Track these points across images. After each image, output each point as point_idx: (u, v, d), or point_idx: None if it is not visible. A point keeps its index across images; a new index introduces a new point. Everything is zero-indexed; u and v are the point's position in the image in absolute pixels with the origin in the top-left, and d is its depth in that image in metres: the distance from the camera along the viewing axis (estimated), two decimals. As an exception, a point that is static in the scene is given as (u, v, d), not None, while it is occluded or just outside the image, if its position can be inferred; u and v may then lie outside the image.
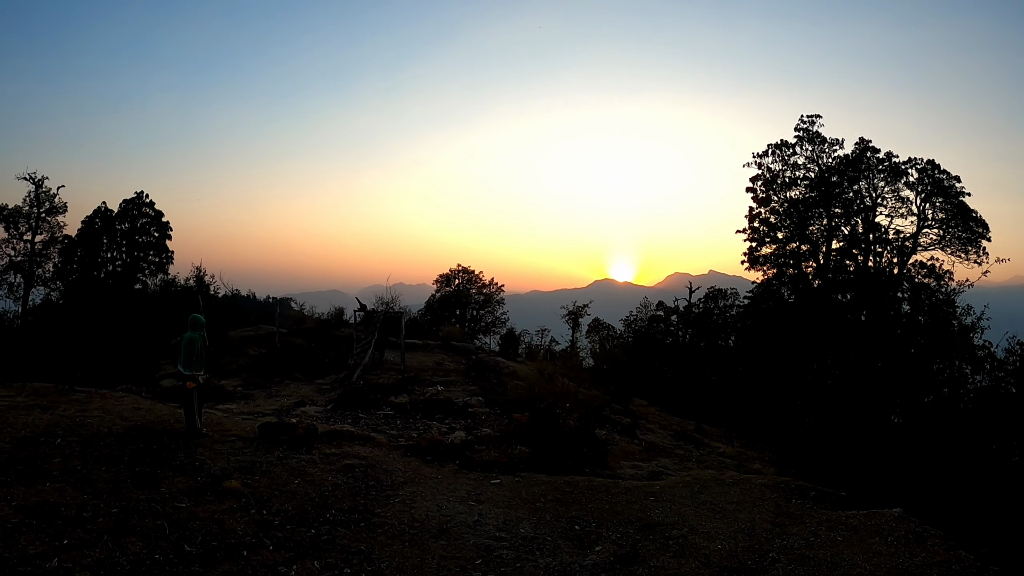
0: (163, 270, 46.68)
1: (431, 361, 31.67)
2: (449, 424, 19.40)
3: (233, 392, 22.02)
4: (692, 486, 14.07)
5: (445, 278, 60.13)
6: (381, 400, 21.21)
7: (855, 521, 11.93)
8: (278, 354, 28.63)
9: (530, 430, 18.17)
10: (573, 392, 20.50)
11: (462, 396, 23.37)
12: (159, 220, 47.41)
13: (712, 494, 13.52)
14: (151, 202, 47.54)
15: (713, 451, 24.95)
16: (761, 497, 13.45)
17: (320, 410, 19.67)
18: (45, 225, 46.73)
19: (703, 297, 57.58)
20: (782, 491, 13.91)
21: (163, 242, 47.28)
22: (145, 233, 46.36)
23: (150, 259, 46.49)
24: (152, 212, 47.07)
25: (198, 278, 41.71)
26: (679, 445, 24.67)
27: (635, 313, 60.82)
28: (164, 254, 46.82)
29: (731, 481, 14.52)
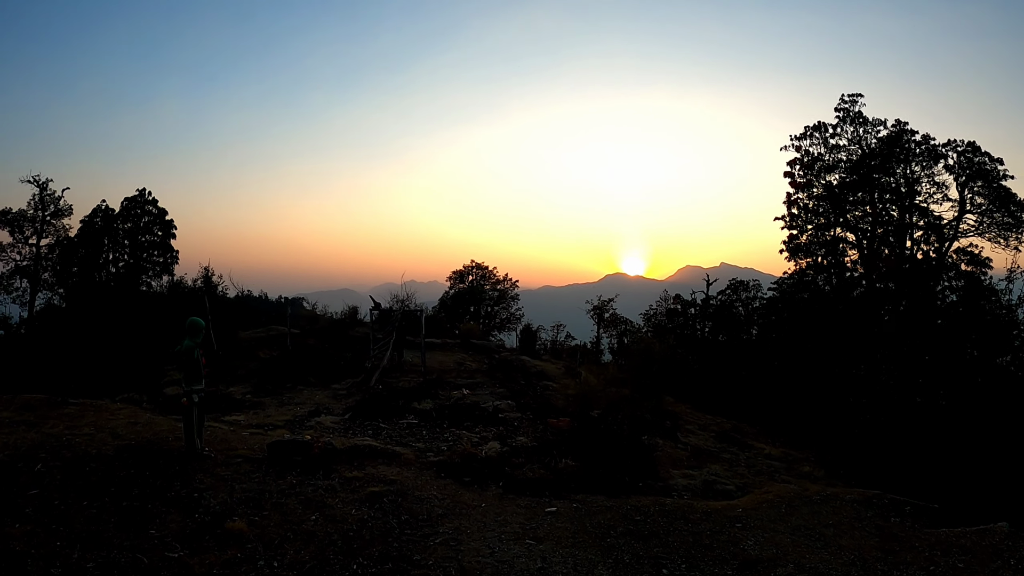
0: (168, 271, 44.93)
1: (452, 361, 29.89)
2: (480, 433, 17.52)
3: (242, 400, 20.13)
4: (777, 506, 12.11)
5: (459, 274, 59.12)
6: (403, 407, 19.30)
7: (966, 542, 10.38)
8: (290, 357, 26.77)
9: (573, 439, 16.35)
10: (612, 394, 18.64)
11: (490, 399, 21.51)
12: (163, 218, 45.66)
13: (803, 516, 11.58)
14: (154, 199, 45.82)
15: (759, 453, 22.98)
16: (857, 516, 11.57)
17: (337, 420, 17.74)
18: (50, 228, 45.39)
19: (725, 289, 56.23)
20: (876, 507, 12.04)
21: (167, 241, 45.57)
22: (148, 232, 44.57)
23: (154, 259, 44.71)
24: (155, 210, 45.35)
25: (205, 279, 40.00)
26: (723, 447, 22.74)
27: (654, 307, 59.08)
28: (169, 254, 45.06)
29: (818, 499, 12.56)
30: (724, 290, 56.13)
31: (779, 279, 51.76)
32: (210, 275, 40.18)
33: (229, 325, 34.52)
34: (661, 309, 58.26)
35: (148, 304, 38.74)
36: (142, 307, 37.26)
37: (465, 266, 59.18)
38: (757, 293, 55.81)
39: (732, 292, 56.42)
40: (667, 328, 55.65)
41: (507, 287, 59.00)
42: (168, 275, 44.58)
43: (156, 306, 37.67)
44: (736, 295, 56.65)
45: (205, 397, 12.63)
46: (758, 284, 56.03)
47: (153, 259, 44.63)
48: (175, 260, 45.19)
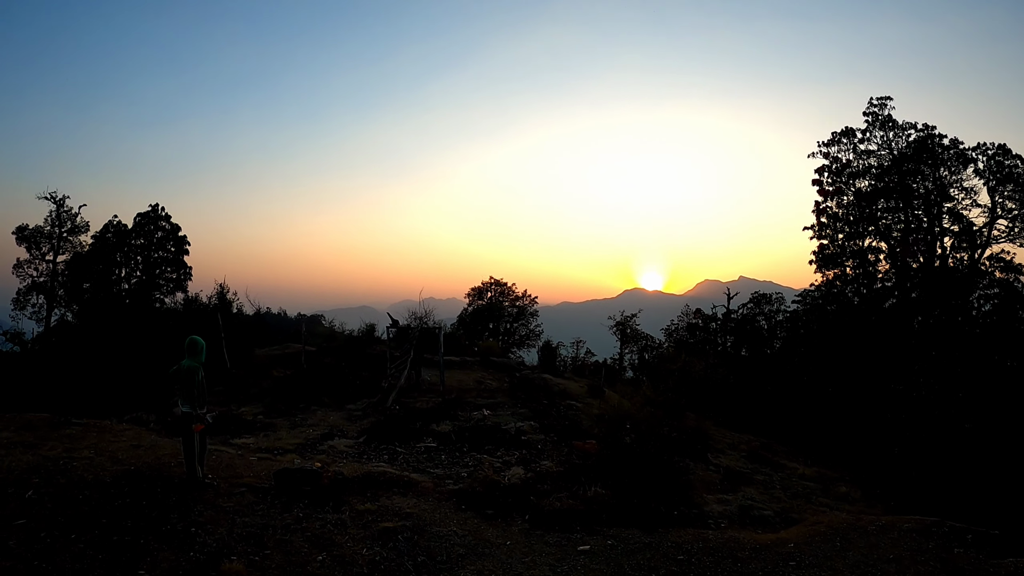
0: (182, 287, 44.31)
1: (471, 379, 28.95)
2: (502, 457, 16.56)
3: (253, 422, 19.23)
4: (831, 540, 11.03)
5: (477, 291, 58.81)
6: (421, 429, 18.36)
7: (1040, 574, 9.18)
8: (304, 376, 25.93)
9: (602, 464, 15.35)
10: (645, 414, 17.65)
11: (512, 421, 20.54)
12: (176, 234, 45.11)
13: (860, 550, 10.50)
14: (167, 215, 45.31)
15: (792, 473, 21.86)
16: (918, 548, 10.48)
17: (351, 444, 16.80)
18: (67, 245, 45.02)
19: (747, 303, 55.22)
20: (936, 537, 10.94)
21: (180, 257, 44.99)
22: (161, 248, 43.97)
23: (167, 276, 44.07)
24: (168, 226, 44.86)
25: (220, 295, 39.22)
26: (755, 468, 21.65)
27: (676, 322, 58.04)
28: (182, 270, 44.41)
29: (874, 529, 11.46)
30: (746, 304, 55.13)
31: (804, 291, 50.63)
32: (225, 292, 39.42)
33: (244, 343, 33.77)
34: (682, 324, 57.29)
35: (160, 321, 37.98)
36: (154, 324, 36.49)
37: (484, 283, 58.85)
38: (780, 306, 54.74)
39: (755, 306, 55.31)
40: (688, 343, 54.61)
41: (526, 303, 58.48)
42: (182, 291, 43.88)
43: (169, 323, 36.87)
44: (759, 308, 55.51)
45: (209, 423, 11.69)
46: (781, 297, 54.98)
47: (166, 275, 43.98)
48: (188, 276, 44.59)
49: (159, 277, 43.80)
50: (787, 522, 13.81)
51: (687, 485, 15.24)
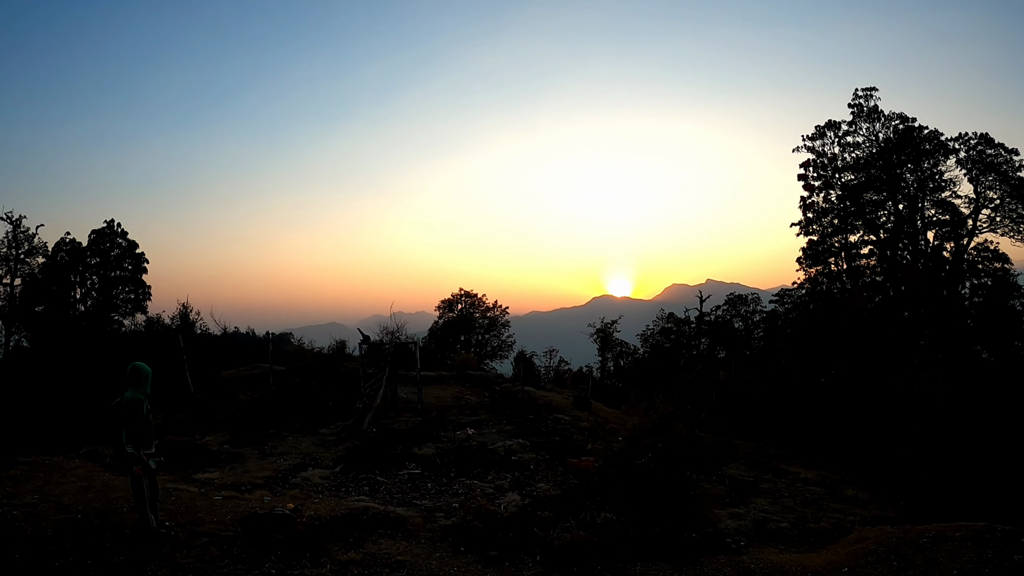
0: (141, 308, 42.07)
1: (449, 395, 27.52)
2: (494, 481, 15.15)
3: (218, 452, 17.59)
4: (885, 559, 9.70)
5: (448, 303, 58.13)
6: (402, 454, 16.86)
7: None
8: (273, 399, 24.27)
9: (605, 484, 13.97)
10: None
11: (499, 439, 19.16)
12: (133, 251, 42.80)
13: (919, 568, 9.20)
14: (123, 232, 42.99)
15: (795, 478, 20.56)
16: (979, 559, 9.22)
17: (327, 474, 15.22)
18: (24, 267, 42.57)
19: (722, 304, 54.69)
20: (992, 544, 9.65)
21: (139, 276, 42.85)
22: (118, 267, 41.70)
23: (124, 296, 41.81)
24: (125, 242, 42.66)
25: (182, 316, 37.42)
26: (757, 476, 20.31)
27: (651, 327, 57.19)
28: (141, 289, 42.18)
29: (926, 542, 10.13)
30: (721, 305, 54.66)
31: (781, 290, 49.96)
32: (188, 312, 37.63)
33: (210, 365, 32.06)
34: (657, 328, 56.49)
35: (119, 345, 36.07)
36: (113, 348, 34.59)
37: (454, 294, 58.05)
38: (756, 307, 54.29)
39: (731, 307, 54.85)
40: (664, 348, 53.74)
41: (497, 314, 57.84)
42: (141, 312, 41.73)
43: (128, 347, 35.00)
44: (735, 310, 55.03)
45: (160, 461, 10.13)
46: (757, 298, 54.64)
47: (124, 295, 41.74)
48: (147, 296, 42.38)
49: (116, 297, 41.51)
50: (806, 534, 12.82)
51: (698, 501, 14.01)
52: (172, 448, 17.36)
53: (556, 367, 51.48)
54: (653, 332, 56.16)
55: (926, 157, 34.06)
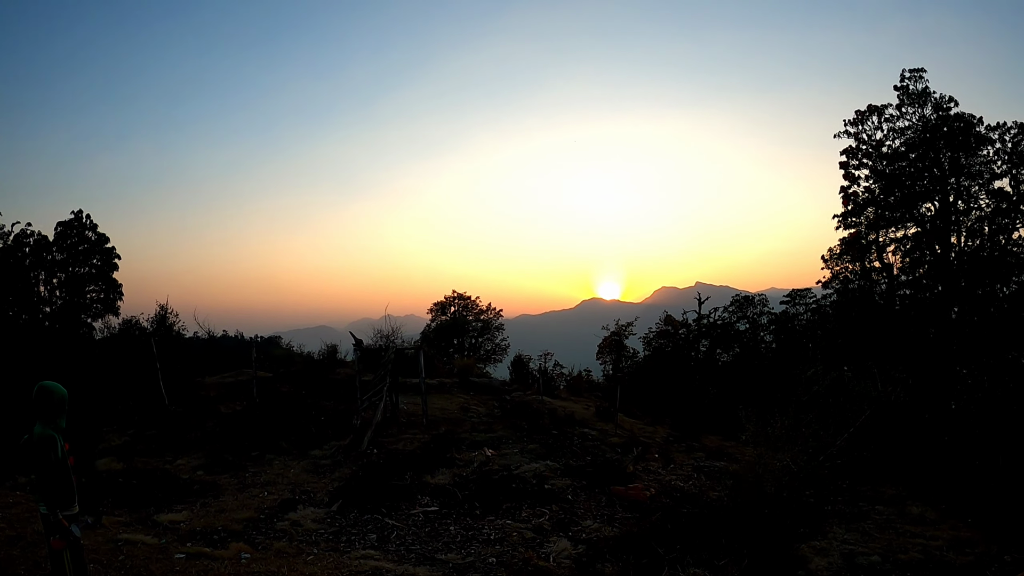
0: (112, 309, 38.32)
1: (454, 406, 24.65)
2: (531, 520, 12.22)
3: (189, 482, 14.53)
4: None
5: (440, 306, 55.14)
6: (413, 484, 13.83)
7: None
8: (257, 412, 21.18)
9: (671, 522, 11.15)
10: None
11: (523, 461, 16.22)
12: (103, 245, 39.08)
13: None
14: (93, 224, 39.24)
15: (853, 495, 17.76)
16: None
17: (321, 515, 12.07)
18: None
19: (729, 306, 52.57)
20: None
21: (109, 273, 39.13)
22: (86, 263, 37.96)
23: (93, 295, 37.96)
24: (95, 236, 38.89)
25: (159, 318, 34.16)
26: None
27: (654, 329, 54.81)
28: (113, 290, 38.37)
29: None
30: (727, 307, 52.97)
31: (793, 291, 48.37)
32: (166, 313, 34.34)
33: (189, 372, 29.04)
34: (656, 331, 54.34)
35: (86, 351, 32.74)
36: (79, 355, 31.29)
37: (447, 297, 55.37)
38: (764, 308, 52.65)
39: (737, 309, 53.13)
40: (666, 351, 51.57)
41: (491, 317, 55.32)
42: (112, 314, 38.07)
43: (97, 354, 31.73)
44: (741, 312, 53.25)
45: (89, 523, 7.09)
46: (765, 299, 52.98)
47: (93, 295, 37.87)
48: (119, 296, 38.52)
49: (84, 297, 37.83)
50: (901, 568, 10.97)
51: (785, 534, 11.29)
52: (135, 477, 14.41)
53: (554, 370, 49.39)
54: (654, 335, 53.98)
55: (981, 144, 31.24)
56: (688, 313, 51.04)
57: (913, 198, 31.27)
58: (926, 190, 31.22)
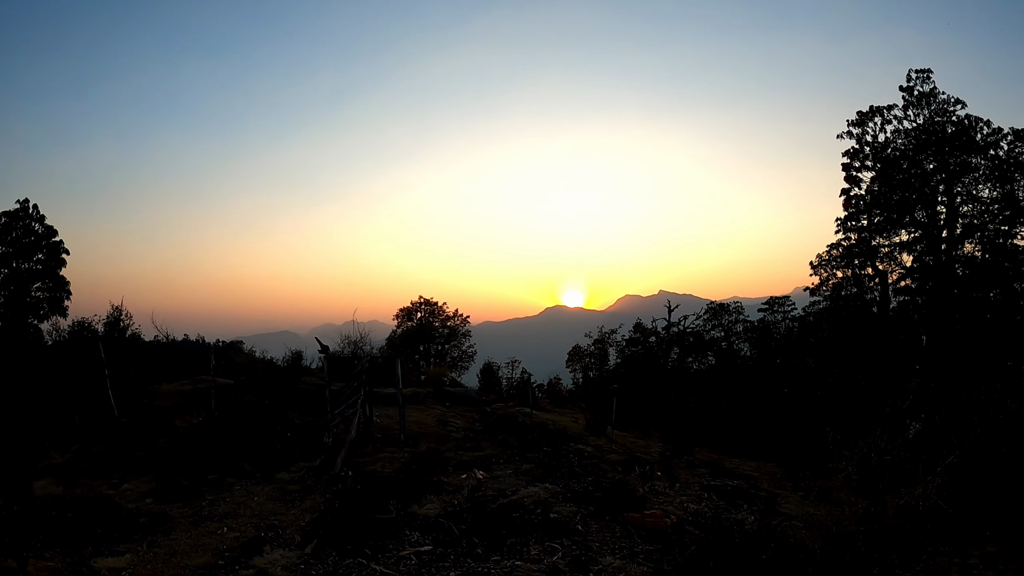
0: (59, 309, 35.29)
1: (431, 419, 22.76)
2: (542, 558, 10.37)
3: (135, 513, 12.42)
4: None
5: (406, 312, 54.29)
6: (399, 516, 11.82)
7: None
8: (216, 427, 18.96)
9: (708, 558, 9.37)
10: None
11: (519, 484, 14.35)
12: (50, 239, 35.94)
13: None
14: (40, 215, 36.17)
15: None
16: None
17: (294, 560, 9.94)
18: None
19: (704, 314, 51.71)
20: None
21: (55, 270, 36.11)
22: (30, 257, 34.78)
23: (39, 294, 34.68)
24: (42, 228, 35.88)
25: (112, 321, 31.58)
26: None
27: (627, 336, 53.64)
28: (61, 288, 35.24)
29: None
30: (702, 315, 52.17)
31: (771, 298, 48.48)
32: (120, 315, 31.73)
33: (143, 379, 26.70)
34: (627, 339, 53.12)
35: (30, 356, 30.16)
36: (22, 361, 28.73)
37: (413, 303, 54.38)
38: (739, 316, 51.97)
39: (712, 317, 52.35)
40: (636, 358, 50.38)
41: (458, 323, 54.48)
42: (60, 314, 35.02)
43: (42, 359, 29.17)
44: (716, 320, 52.45)
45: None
46: (740, 307, 52.34)
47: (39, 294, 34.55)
48: (67, 295, 35.48)
49: (29, 295, 34.67)
50: None
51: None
52: (73, 507, 12.30)
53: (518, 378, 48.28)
54: (625, 342, 52.80)
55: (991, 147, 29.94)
56: (657, 321, 50.06)
57: (917, 202, 29.90)
58: (930, 194, 29.88)
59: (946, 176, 29.74)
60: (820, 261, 35.46)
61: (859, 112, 32.10)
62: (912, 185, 30.02)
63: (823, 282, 35.65)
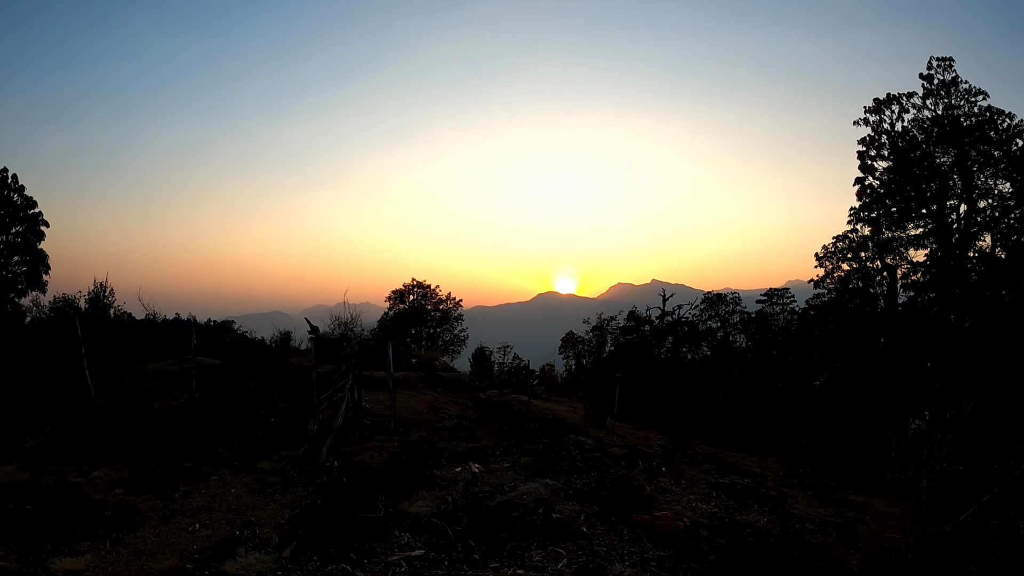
0: (38, 284, 33.62)
1: (423, 405, 21.86)
2: (546, 565, 9.38)
3: (101, 505, 11.44)
4: None
5: (399, 294, 55.31)
6: (387, 515, 10.83)
7: None
8: (196, 410, 18.01)
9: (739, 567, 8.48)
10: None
11: (518, 480, 13.36)
12: (27, 211, 33.75)
13: None
14: (20, 186, 33.82)
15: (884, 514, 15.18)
16: None
17: (270, 564, 8.88)
18: None
19: (700, 303, 51.49)
20: None
21: (34, 242, 34.20)
22: (7, 230, 33.07)
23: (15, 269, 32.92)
24: (20, 199, 33.58)
25: (93, 297, 30.58)
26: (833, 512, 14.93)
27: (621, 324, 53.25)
28: (39, 262, 33.38)
29: None
30: (698, 304, 51.97)
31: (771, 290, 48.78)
32: (103, 292, 30.71)
33: (129, 358, 25.77)
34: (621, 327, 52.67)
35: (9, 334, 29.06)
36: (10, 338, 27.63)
37: (406, 285, 55.57)
38: (736, 307, 51.87)
39: (708, 307, 52.15)
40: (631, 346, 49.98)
41: (450, 307, 55.62)
42: (39, 290, 33.52)
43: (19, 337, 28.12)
44: (713, 310, 52.25)
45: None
46: (738, 297, 52.27)
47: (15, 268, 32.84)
48: (45, 268, 33.83)
49: (6, 270, 33.17)
50: None
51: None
52: (33, 498, 11.33)
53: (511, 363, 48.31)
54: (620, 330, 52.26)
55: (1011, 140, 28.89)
56: (652, 309, 49.55)
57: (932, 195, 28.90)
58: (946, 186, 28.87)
59: (963, 169, 28.68)
60: (826, 253, 34.63)
61: (876, 99, 31.00)
62: (928, 177, 28.97)
63: (828, 274, 34.78)
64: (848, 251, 32.88)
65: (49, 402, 19.56)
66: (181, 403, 19.56)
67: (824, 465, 23.86)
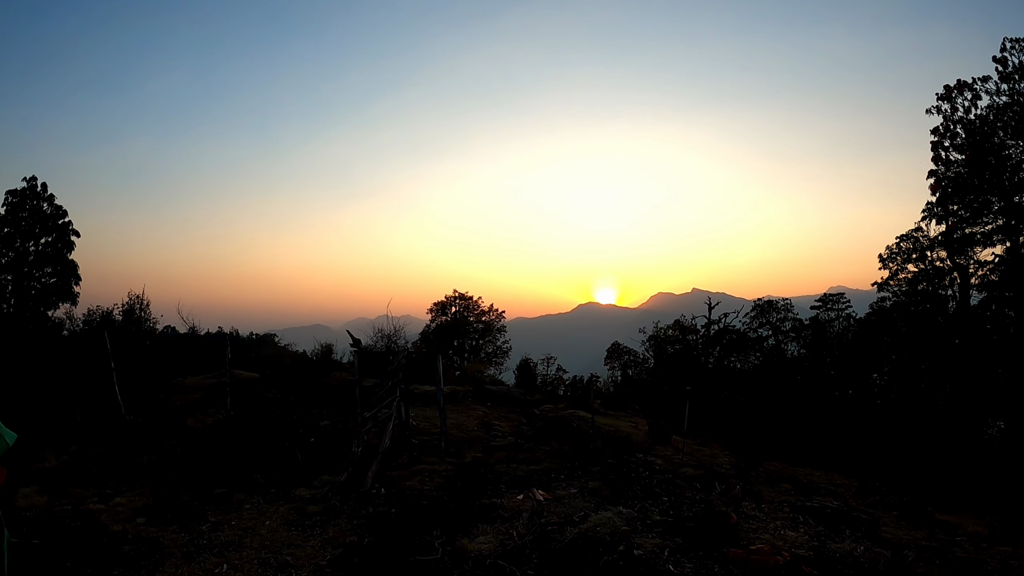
0: (68, 295, 32.60)
1: (473, 421, 20.38)
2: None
3: (119, 537, 10.05)
4: None
5: (440, 306, 54.98)
6: (445, 557, 9.21)
7: None
8: (230, 430, 16.66)
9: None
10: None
11: (588, 508, 11.76)
12: (56, 221, 32.96)
13: None
14: (50, 195, 32.85)
15: (974, 536, 13.35)
16: None
17: None
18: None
19: (751, 311, 49.85)
20: None
21: (64, 253, 33.13)
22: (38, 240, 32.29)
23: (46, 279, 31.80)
24: (50, 208, 32.62)
25: (127, 310, 29.60)
26: (922, 536, 13.08)
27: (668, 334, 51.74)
28: (70, 273, 32.34)
29: None
30: (749, 312, 50.42)
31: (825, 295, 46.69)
32: (139, 304, 29.73)
33: (165, 372, 24.80)
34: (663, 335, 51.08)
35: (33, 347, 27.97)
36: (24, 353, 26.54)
37: (448, 296, 55.14)
38: (788, 314, 50.25)
39: (759, 314, 50.59)
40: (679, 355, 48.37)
41: (492, 318, 55.25)
42: (70, 302, 32.53)
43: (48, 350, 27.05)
44: (764, 317, 50.62)
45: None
46: (789, 304, 50.76)
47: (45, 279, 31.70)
48: (76, 280, 32.62)
49: (36, 281, 32.55)
50: None
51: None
52: (45, 530, 10.02)
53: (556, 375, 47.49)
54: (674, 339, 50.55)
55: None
56: (697, 319, 48.12)
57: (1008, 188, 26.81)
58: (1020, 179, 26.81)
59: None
60: (890, 254, 32.69)
61: (946, 86, 28.93)
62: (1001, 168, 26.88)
63: (892, 276, 32.83)
64: (914, 251, 31.04)
65: (76, 418, 18.37)
66: (215, 421, 18.30)
67: (897, 480, 22.12)
